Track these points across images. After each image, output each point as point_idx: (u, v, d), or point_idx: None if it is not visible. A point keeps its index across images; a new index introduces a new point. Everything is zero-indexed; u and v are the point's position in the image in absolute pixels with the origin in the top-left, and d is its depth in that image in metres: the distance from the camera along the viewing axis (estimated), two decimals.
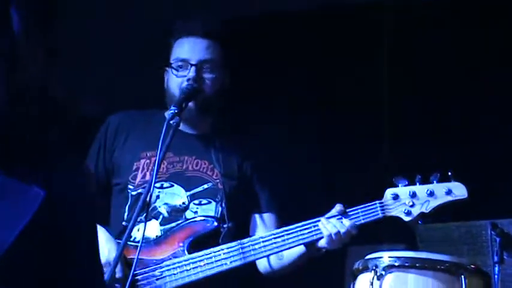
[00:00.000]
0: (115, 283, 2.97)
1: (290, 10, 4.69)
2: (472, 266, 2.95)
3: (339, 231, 2.99)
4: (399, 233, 3.30)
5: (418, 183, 3.05)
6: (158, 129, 2.94)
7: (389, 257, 2.96)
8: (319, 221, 3.03)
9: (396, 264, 2.94)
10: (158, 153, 2.89)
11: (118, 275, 2.96)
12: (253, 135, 3.45)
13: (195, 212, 3.15)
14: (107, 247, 3.03)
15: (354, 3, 4.63)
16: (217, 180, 3.18)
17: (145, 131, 3.22)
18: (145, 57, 4.34)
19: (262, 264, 3.18)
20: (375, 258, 3.00)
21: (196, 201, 3.16)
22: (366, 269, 2.98)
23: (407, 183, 3.06)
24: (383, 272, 2.93)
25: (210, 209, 3.15)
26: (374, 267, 2.94)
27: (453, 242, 3.35)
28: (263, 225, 3.22)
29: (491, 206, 3.44)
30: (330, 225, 3.00)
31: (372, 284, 2.92)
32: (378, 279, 2.92)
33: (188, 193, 3.17)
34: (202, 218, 3.13)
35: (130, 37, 4.57)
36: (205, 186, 3.18)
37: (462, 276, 2.89)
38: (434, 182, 3.04)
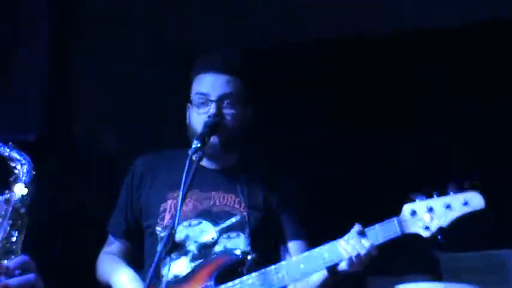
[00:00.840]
0: None
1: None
2: None
3: (359, 254, 2.92)
4: (423, 263, 3.28)
5: (435, 196, 2.93)
6: (183, 168, 2.87)
7: None
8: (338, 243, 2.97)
9: None
10: (181, 188, 2.85)
11: None
12: (277, 166, 3.43)
13: (225, 246, 3.15)
14: (132, 286, 3.05)
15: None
16: (245, 213, 3.18)
17: (170, 171, 3.20)
18: (164, 93, 4.35)
19: None
20: None
21: (225, 235, 3.16)
22: None
23: (424, 197, 2.95)
24: None
25: (239, 242, 3.15)
26: None
27: (478, 272, 3.34)
28: (295, 254, 3.19)
29: None
30: (350, 247, 2.93)
31: None
32: None
33: (217, 228, 3.17)
34: (226, 250, 3.12)
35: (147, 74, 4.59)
36: (233, 219, 3.18)
37: None
38: (451, 193, 2.91)
